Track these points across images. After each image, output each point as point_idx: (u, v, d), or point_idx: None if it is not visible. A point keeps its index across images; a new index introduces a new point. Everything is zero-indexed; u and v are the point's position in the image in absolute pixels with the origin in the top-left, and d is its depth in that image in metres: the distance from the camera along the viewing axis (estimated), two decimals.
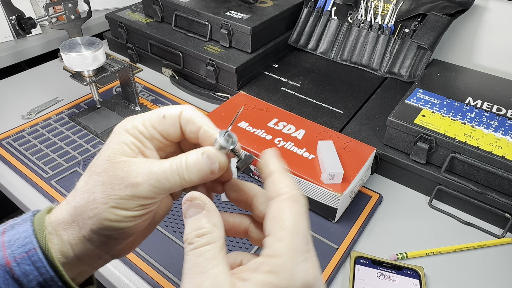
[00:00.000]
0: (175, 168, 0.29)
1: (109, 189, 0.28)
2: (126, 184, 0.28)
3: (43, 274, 0.28)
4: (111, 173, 0.28)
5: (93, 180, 0.29)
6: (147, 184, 0.28)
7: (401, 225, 0.59)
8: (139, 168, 0.29)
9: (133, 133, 0.30)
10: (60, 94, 0.84)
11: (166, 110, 0.32)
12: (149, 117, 0.31)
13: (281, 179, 0.29)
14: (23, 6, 0.96)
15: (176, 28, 0.89)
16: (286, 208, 0.27)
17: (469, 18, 0.81)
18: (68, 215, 0.29)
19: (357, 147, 0.62)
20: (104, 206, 0.28)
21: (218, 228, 0.28)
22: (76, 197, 0.29)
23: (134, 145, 0.30)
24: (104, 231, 0.29)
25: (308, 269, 0.26)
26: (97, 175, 0.29)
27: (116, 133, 0.31)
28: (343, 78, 0.84)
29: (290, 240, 0.26)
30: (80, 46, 0.67)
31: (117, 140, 0.30)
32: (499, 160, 0.56)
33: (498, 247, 0.56)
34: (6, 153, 0.68)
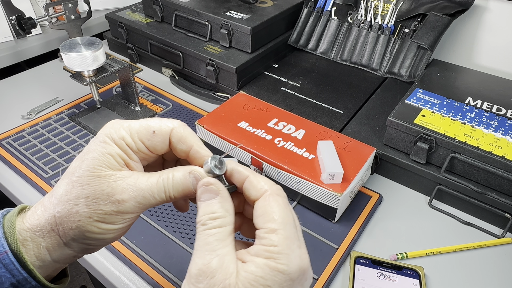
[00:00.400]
0: (162, 185, 0.29)
1: (93, 204, 0.28)
2: (111, 200, 0.28)
3: (16, 276, 0.28)
4: (96, 187, 0.28)
5: (76, 191, 0.28)
6: (133, 201, 0.29)
7: (401, 225, 0.59)
8: (125, 184, 0.29)
9: (120, 144, 0.30)
10: (60, 94, 0.84)
11: (156, 125, 0.31)
12: (137, 129, 0.30)
13: (257, 179, 0.30)
14: (23, 6, 0.96)
15: (176, 28, 0.89)
16: (272, 202, 0.29)
17: (469, 18, 0.81)
18: (47, 223, 0.29)
19: (357, 147, 0.62)
20: (87, 219, 0.28)
21: (230, 214, 0.29)
22: (56, 206, 0.29)
23: (120, 157, 0.30)
24: (85, 241, 0.29)
25: (302, 254, 0.28)
26: (81, 187, 0.28)
27: (101, 141, 0.30)
28: (343, 78, 0.84)
29: (283, 230, 0.27)
30: (80, 46, 0.67)
31: (102, 150, 0.29)
32: (499, 160, 0.56)
33: (498, 247, 0.56)
34: (6, 153, 0.68)
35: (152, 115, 0.78)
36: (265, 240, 0.27)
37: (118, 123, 0.31)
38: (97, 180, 0.28)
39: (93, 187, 0.28)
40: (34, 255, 0.29)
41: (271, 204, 0.28)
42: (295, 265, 0.27)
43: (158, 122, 0.31)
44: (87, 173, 0.29)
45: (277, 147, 0.61)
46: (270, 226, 0.27)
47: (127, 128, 0.30)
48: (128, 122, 0.31)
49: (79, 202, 0.28)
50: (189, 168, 0.31)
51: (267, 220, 0.28)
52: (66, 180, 0.30)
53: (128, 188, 0.29)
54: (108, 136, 0.30)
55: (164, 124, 0.31)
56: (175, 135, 0.31)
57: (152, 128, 0.31)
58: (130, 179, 0.29)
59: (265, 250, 0.27)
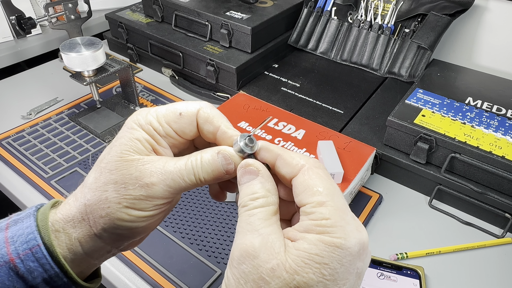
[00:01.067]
0: (191, 167, 0.28)
1: (122, 189, 0.27)
2: (140, 184, 0.27)
3: (48, 271, 0.27)
4: (124, 172, 0.28)
5: (105, 177, 0.28)
6: (162, 184, 0.28)
7: (401, 225, 0.59)
8: (153, 167, 0.28)
9: (147, 129, 0.29)
10: (60, 94, 0.84)
11: (182, 107, 0.30)
12: (164, 113, 0.30)
13: (291, 155, 0.28)
14: (23, 6, 0.96)
15: (176, 28, 0.89)
16: (313, 175, 0.26)
17: (469, 18, 0.81)
18: (78, 212, 0.29)
19: (357, 147, 0.62)
20: (117, 206, 0.28)
21: (272, 193, 0.27)
22: (87, 194, 0.28)
23: (147, 142, 0.29)
24: (116, 230, 0.29)
25: (359, 226, 0.25)
26: (109, 172, 0.28)
27: (128, 128, 0.29)
28: (343, 78, 0.84)
29: (332, 202, 0.25)
30: (80, 46, 0.67)
31: (129, 135, 0.29)
32: (499, 160, 0.56)
33: (498, 247, 0.56)
34: (6, 153, 0.68)
35: None
36: (313, 215, 0.24)
37: (145, 110, 0.30)
38: (125, 164, 0.28)
39: (121, 171, 0.28)
40: (66, 247, 0.28)
41: (312, 177, 0.26)
42: (353, 238, 0.24)
43: (185, 104, 0.31)
44: (114, 158, 0.28)
45: None
46: (317, 199, 0.25)
47: (154, 113, 0.30)
48: (155, 108, 0.30)
49: (108, 188, 0.28)
50: (217, 148, 0.29)
51: (312, 194, 0.25)
52: (95, 168, 0.29)
53: (157, 171, 0.28)
54: (136, 122, 0.29)
55: (191, 105, 0.30)
56: (201, 115, 0.30)
57: (178, 110, 0.30)
58: (158, 163, 0.28)
59: (316, 224, 0.24)
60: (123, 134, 0.29)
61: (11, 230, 0.28)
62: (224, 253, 0.53)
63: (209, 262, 0.52)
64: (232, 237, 0.55)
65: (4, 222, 0.29)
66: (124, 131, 0.30)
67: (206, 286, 0.49)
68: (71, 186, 0.62)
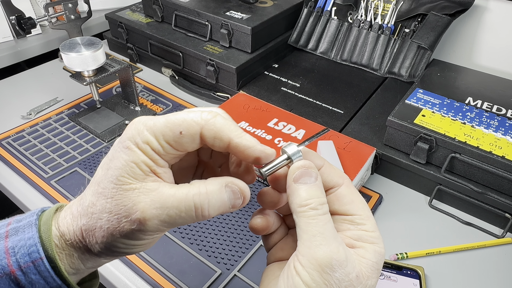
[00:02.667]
0: (192, 203, 0.27)
1: (115, 220, 0.26)
2: (133, 219, 0.26)
3: (50, 283, 0.27)
4: (118, 202, 0.26)
5: (101, 204, 0.27)
6: (157, 220, 0.26)
7: (401, 225, 0.59)
8: (148, 199, 0.26)
9: (145, 149, 0.27)
10: (60, 94, 0.84)
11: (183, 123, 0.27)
12: (162, 131, 0.27)
13: (333, 167, 0.31)
14: (23, 6, 0.96)
15: (176, 28, 0.89)
16: (355, 191, 0.30)
17: (469, 18, 0.81)
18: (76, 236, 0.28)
19: (357, 147, 0.62)
20: (111, 236, 0.27)
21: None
22: (83, 218, 0.28)
23: (145, 164, 0.27)
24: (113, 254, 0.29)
25: None
26: (105, 199, 0.27)
27: (124, 147, 0.27)
28: (343, 78, 0.84)
29: (372, 217, 0.29)
30: (80, 46, 0.67)
31: (126, 158, 0.27)
32: (499, 160, 0.56)
33: (498, 247, 0.56)
34: (6, 153, 0.68)
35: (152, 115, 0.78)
36: (365, 226, 0.29)
37: (142, 123, 0.27)
38: (120, 194, 0.26)
39: (116, 201, 0.26)
40: (68, 264, 0.28)
41: (354, 192, 0.30)
42: (384, 249, 0.29)
43: (185, 119, 0.27)
44: (111, 185, 0.27)
45: (277, 147, 0.61)
46: (365, 214, 0.29)
47: (151, 130, 0.27)
48: (153, 120, 0.27)
49: (103, 217, 0.27)
50: (225, 181, 0.28)
51: (359, 208, 0.29)
52: (92, 189, 0.28)
53: (152, 205, 0.26)
54: (132, 140, 0.27)
55: (192, 121, 0.27)
56: (207, 133, 0.27)
57: (178, 128, 0.27)
58: (155, 194, 0.26)
59: (369, 236, 0.28)
60: (119, 155, 0.27)
61: (12, 240, 0.27)
62: (224, 253, 0.53)
63: (209, 262, 0.52)
64: (233, 237, 0.55)
65: (3, 229, 0.28)
66: (119, 150, 0.27)
67: (206, 286, 0.49)
68: (71, 186, 0.62)
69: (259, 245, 0.54)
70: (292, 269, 0.27)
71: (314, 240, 0.27)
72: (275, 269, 0.32)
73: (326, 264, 0.26)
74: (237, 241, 0.54)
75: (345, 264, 0.26)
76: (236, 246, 0.54)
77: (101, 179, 0.27)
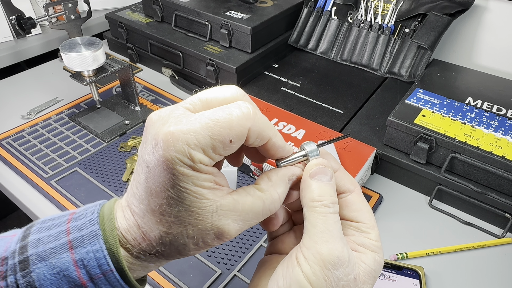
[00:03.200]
0: (269, 211, 0.28)
1: (200, 242, 0.27)
2: (220, 238, 0.27)
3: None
4: (200, 227, 0.26)
5: (178, 232, 0.26)
6: (240, 232, 0.28)
7: (401, 225, 0.59)
8: (231, 220, 0.26)
9: (201, 169, 0.25)
10: (60, 94, 0.84)
11: (230, 131, 0.25)
12: (210, 144, 0.25)
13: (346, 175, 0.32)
14: (23, 6, 0.96)
15: (176, 28, 0.89)
16: (364, 199, 0.31)
17: (469, 18, 0.81)
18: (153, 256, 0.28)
19: (357, 147, 0.62)
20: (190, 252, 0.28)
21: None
22: (159, 245, 0.27)
23: (207, 181, 0.26)
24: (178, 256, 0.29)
25: None
26: (182, 227, 0.26)
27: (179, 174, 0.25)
28: (343, 78, 0.84)
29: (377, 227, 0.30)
30: (80, 46, 0.67)
31: (186, 185, 0.25)
32: (499, 160, 0.56)
33: (498, 247, 0.56)
34: (6, 153, 0.68)
35: None
36: (369, 235, 0.30)
37: (183, 142, 0.24)
38: (198, 220, 0.26)
39: (197, 227, 0.26)
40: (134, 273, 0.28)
41: (363, 200, 0.31)
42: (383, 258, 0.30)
43: (231, 125, 0.25)
44: (185, 214, 0.26)
45: None
46: (371, 223, 0.30)
47: (197, 147, 0.24)
48: (194, 134, 0.24)
49: (187, 241, 0.26)
50: (288, 176, 0.30)
51: (366, 217, 0.30)
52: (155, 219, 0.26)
53: (235, 224, 0.27)
54: (181, 164, 0.24)
55: (239, 126, 0.25)
56: (252, 134, 0.26)
57: (227, 138, 0.25)
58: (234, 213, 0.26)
59: (372, 244, 0.29)
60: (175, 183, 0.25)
61: (78, 252, 0.26)
62: (224, 253, 0.53)
63: (209, 262, 0.52)
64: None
65: (63, 238, 0.27)
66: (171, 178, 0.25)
67: (206, 286, 0.49)
68: (71, 186, 0.62)
69: (259, 245, 0.54)
70: (294, 259, 0.28)
71: (321, 235, 0.27)
72: (273, 260, 0.32)
73: (329, 260, 0.26)
74: (237, 241, 0.54)
75: (347, 265, 0.27)
76: (236, 246, 0.54)
77: (164, 208, 0.26)
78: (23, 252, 0.26)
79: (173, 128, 0.24)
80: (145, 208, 0.26)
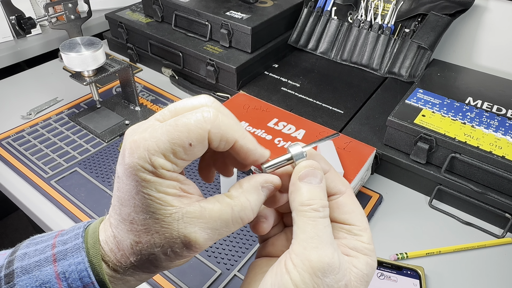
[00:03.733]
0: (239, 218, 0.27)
1: (169, 251, 0.26)
2: (188, 247, 0.26)
3: None
4: (167, 236, 0.26)
5: (146, 241, 0.26)
6: (209, 241, 0.27)
7: (401, 225, 0.59)
8: (197, 228, 0.26)
9: (163, 174, 0.25)
10: (60, 94, 0.84)
11: (189, 134, 0.25)
12: (170, 149, 0.25)
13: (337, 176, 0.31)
14: (23, 6, 0.96)
15: (176, 28, 0.89)
16: (355, 201, 0.30)
17: (469, 18, 0.81)
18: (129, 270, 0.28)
19: (357, 147, 0.62)
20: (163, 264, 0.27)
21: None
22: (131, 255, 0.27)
23: (172, 187, 0.26)
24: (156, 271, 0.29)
25: None
26: (150, 235, 0.26)
27: (141, 181, 0.25)
28: (343, 78, 0.84)
29: (369, 229, 0.29)
30: (80, 46, 0.67)
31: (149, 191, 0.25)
32: (499, 160, 0.56)
33: (498, 247, 0.56)
34: (6, 153, 0.68)
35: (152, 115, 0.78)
36: (361, 238, 0.29)
37: (144, 149, 0.25)
38: (165, 227, 0.25)
39: (164, 235, 0.26)
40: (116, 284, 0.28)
41: (355, 202, 0.30)
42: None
43: (189, 129, 0.25)
44: (151, 221, 0.25)
45: (277, 147, 0.61)
46: (363, 225, 0.29)
47: (158, 152, 0.25)
48: (153, 140, 0.25)
49: (155, 251, 0.26)
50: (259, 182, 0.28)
51: (358, 219, 0.29)
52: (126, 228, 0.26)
53: (202, 232, 0.26)
54: (142, 171, 0.25)
55: (198, 128, 0.25)
56: (213, 136, 0.26)
57: (187, 141, 0.25)
58: (201, 220, 0.26)
59: (364, 247, 0.28)
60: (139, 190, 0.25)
61: (61, 265, 0.27)
62: (224, 253, 0.53)
63: (209, 262, 0.52)
64: (233, 237, 0.55)
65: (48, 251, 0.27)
66: (136, 185, 0.25)
67: (206, 286, 0.49)
68: (71, 186, 0.62)
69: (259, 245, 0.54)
70: (283, 266, 0.27)
71: (310, 241, 0.26)
72: (263, 264, 0.32)
73: (319, 267, 0.26)
74: (237, 241, 0.54)
75: (337, 271, 0.26)
76: (236, 246, 0.54)
77: (132, 217, 0.26)
78: (9, 266, 0.26)
79: (137, 137, 0.25)
80: (119, 218, 0.27)
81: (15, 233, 1.41)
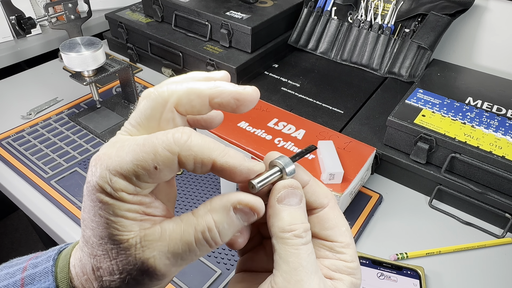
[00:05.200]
0: (203, 241, 0.24)
1: (129, 279, 0.24)
2: (149, 274, 0.24)
3: None
4: (124, 262, 0.23)
5: (106, 267, 0.24)
6: (173, 268, 0.24)
7: (401, 225, 0.59)
8: (156, 253, 0.23)
9: (122, 197, 0.23)
10: (60, 94, 0.84)
11: (155, 156, 0.22)
12: (133, 171, 0.22)
13: (320, 185, 0.28)
14: (23, 6, 0.96)
15: (176, 28, 0.89)
16: (338, 214, 0.28)
17: (469, 18, 0.81)
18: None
19: (357, 147, 0.62)
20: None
21: None
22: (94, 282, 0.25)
23: (134, 211, 0.23)
24: None
25: None
26: (109, 261, 0.24)
27: (99, 202, 0.23)
28: (343, 78, 0.84)
29: (352, 244, 0.28)
30: (80, 46, 0.67)
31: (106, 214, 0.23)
32: (499, 160, 0.56)
33: (498, 247, 0.56)
34: (6, 153, 0.68)
35: None
36: (344, 256, 0.27)
37: (105, 168, 0.22)
38: (123, 253, 0.23)
39: (122, 262, 0.23)
40: None
41: (337, 215, 0.28)
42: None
43: (156, 151, 0.22)
44: (109, 246, 0.23)
45: (277, 147, 0.61)
46: (345, 240, 0.27)
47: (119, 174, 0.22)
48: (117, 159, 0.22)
49: (115, 278, 0.24)
50: (230, 203, 0.24)
51: (340, 234, 0.27)
52: (89, 252, 0.25)
53: (162, 258, 0.23)
54: (102, 192, 0.23)
55: (164, 151, 0.22)
56: (185, 159, 0.23)
57: (151, 164, 0.22)
58: (159, 244, 0.23)
59: (347, 266, 0.27)
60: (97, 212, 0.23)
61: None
62: (224, 253, 0.53)
63: (209, 262, 0.52)
64: None
65: (18, 275, 0.26)
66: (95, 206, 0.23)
67: (206, 286, 0.49)
68: (71, 186, 0.62)
69: None
70: None
71: (294, 274, 0.24)
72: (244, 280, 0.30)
73: None
74: None
75: None
76: None
77: (92, 240, 0.24)
78: None
79: (102, 152, 0.23)
80: (83, 240, 0.25)
81: (15, 233, 1.41)
